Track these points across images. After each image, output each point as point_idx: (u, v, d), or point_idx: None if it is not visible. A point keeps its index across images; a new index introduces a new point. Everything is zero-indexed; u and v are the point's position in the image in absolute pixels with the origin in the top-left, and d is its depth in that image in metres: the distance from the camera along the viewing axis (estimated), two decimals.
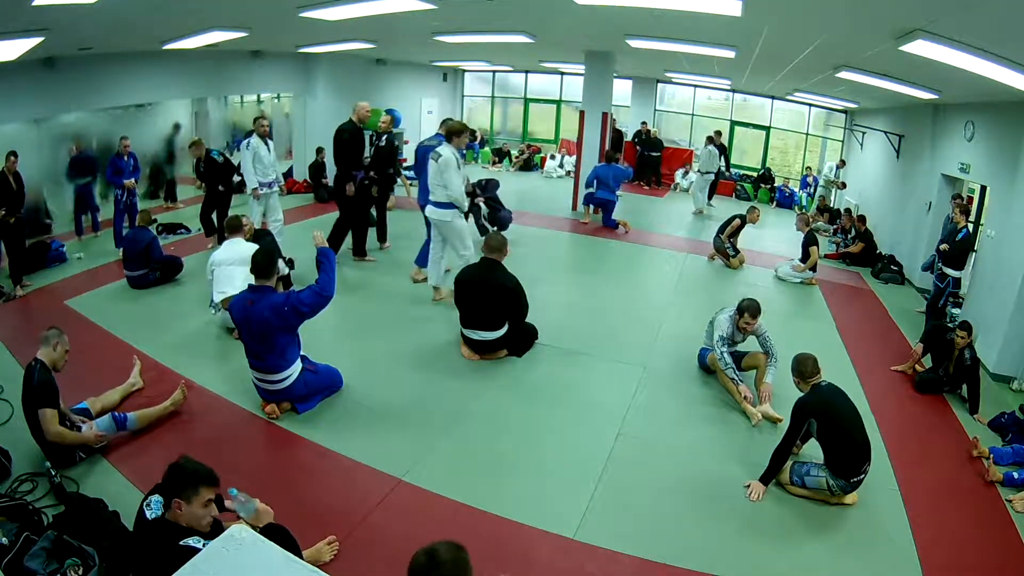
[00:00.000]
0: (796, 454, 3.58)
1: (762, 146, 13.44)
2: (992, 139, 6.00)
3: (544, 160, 14.19)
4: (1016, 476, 3.56)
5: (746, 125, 13.67)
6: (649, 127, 13.07)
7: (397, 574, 2.62)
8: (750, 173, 13.24)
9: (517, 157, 14.40)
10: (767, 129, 13.28)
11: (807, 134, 13.13)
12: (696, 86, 13.31)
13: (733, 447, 3.74)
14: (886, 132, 8.86)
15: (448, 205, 5.18)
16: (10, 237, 5.61)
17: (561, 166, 13.59)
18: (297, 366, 3.68)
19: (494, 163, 14.26)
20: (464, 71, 15.02)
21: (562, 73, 14.11)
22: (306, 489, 3.13)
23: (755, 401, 4.14)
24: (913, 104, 7.52)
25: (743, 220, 7.61)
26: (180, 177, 9.34)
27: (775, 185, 12.76)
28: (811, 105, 12.35)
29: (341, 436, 3.55)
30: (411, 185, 9.59)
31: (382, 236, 7.15)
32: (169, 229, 7.52)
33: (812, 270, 7.26)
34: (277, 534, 2.16)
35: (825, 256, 8.60)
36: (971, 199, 7.15)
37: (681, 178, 12.93)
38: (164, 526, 2.10)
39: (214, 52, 8.23)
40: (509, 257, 4.59)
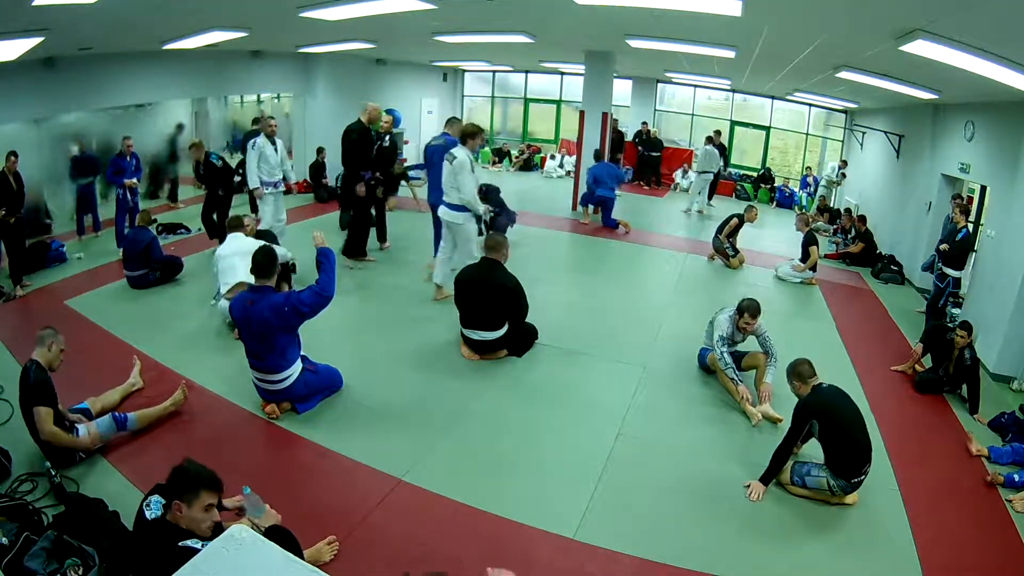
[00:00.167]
0: (796, 454, 3.58)
1: (762, 146, 13.44)
2: (992, 139, 6.00)
3: (544, 160, 14.19)
4: (1016, 477, 3.55)
5: (746, 125, 13.67)
6: (649, 127, 13.08)
7: (397, 574, 2.63)
8: (750, 173, 13.24)
9: (517, 157, 14.41)
10: (767, 129, 13.28)
11: (807, 134, 13.13)
12: (696, 86, 13.31)
13: (733, 447, 3.74)
14: (886, 132, 8.86)
15: (462, 208, 5.21)
16: (10, 237, 5.62)
17: (561, 166, 13.59)
18: (297, 366, 3.68)
19: (494, 163, 14.26)
20: (464, 71, 15.02)
21: (562, 73, 14.11)
22: (306, 489, 3.13)
23: (755, 401, 4.14)
24: (913, 104, 7.52)
25: (741, 219, 7.62)
26: (182, 177, 9.34)
27: (775, 185, 12.76)
28: (811, 105, 12.35)
29: (341, 436, 3.55)
30: (416, 186, 9.62)
31: (382, 236, 7.15)
32: (169, 229, 7.52)
33: (812, 270, 7.26)
34: (279, 536, 2.16)
35: (825, 256, 8.60)
36: (971, 199, 7.15)
37: (681, 178, 12.93)
38: (163, 527, 2.10)
39: (214, 52, 8.23)
40: (509, 257, 4.60)
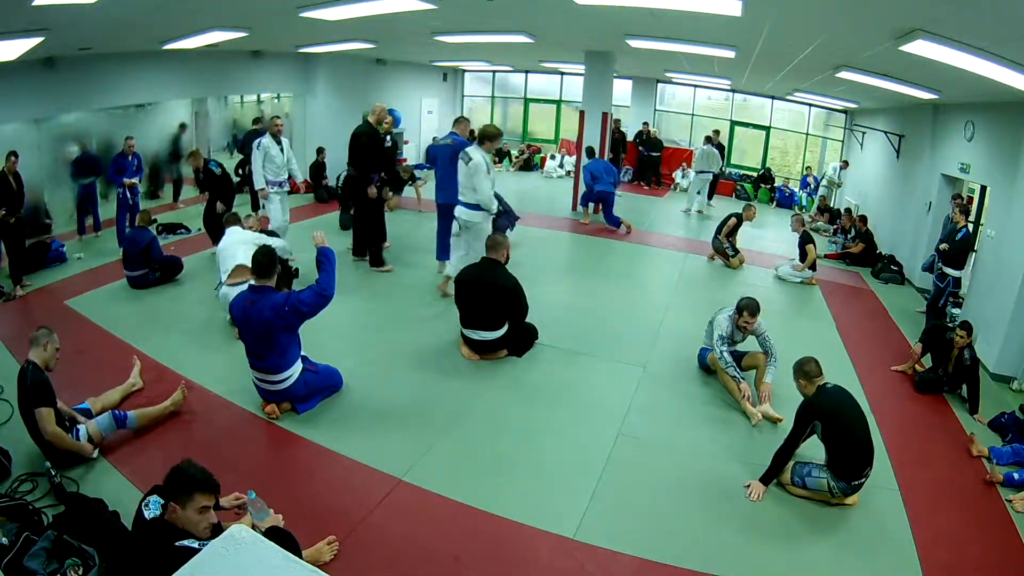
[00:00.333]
0: (796, 455, 3.57)
1: (762, 146, 13.44)
2: (992, 139, 6.00)
3: (544, 160, 14.19)
4: (1016, 476, 3.56)
5: (746, 125, 13.67)
6: (650, 127, 13.08)
7: (397, 574, 2.63)
8: (750, 173, 13.24)
9: (517, 157, 14.40)
10: (767, 129, 13.28)
11: (807, 134, 13.13)
12: (696, 86, 13.31)
13: (733, 447, 3.74)
14: (886, 132, 8.85)
15: (478, 207, 5.28)
16: (10, 237, 5.62)
17: (561, 166, 13.59)
18: (298, 366, 3.68)
19: (494, 163, 14.24)
20: (464, 71, 15.02)
21: (562, 73, 14.11)
22: (306, 489, 3.13)
23: (755, 401, 4.14)
24: (913, 104, 7.52)
25: (739, 219, 7.61)
26: (185, 177, 9.35)
27: (775, 185, 12.76)
28: (811, 105, 12.34)
29: (341, 436, 3.55)
30: (418, 185, 9.62)
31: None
32: (169, 229, 7.52)
33: (812, 269, 7.26)
34: (278, 537, 2.16)
35: (825, 256, 8.61)
36: (971, 199, 7.15)
37: (681, 178, 12.93)
38: (161, 526, 2.10)
39: (214, 52, 8.24)
40: (509, 257, 4.60)
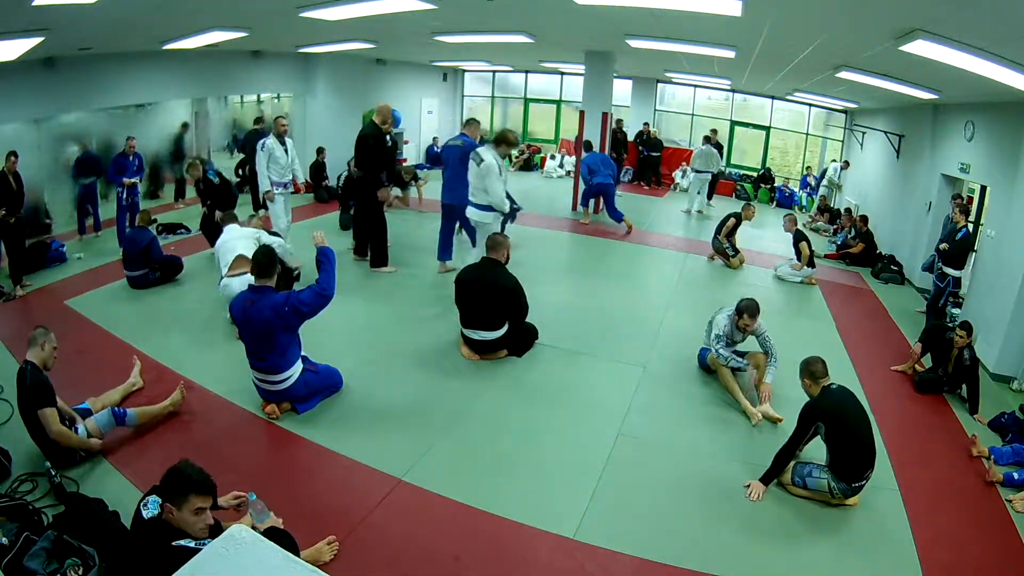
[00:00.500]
0: (798, 455, 3.57)
1: (762, 146, 13.44)
2: (992, 139, 6.00)
3: (544, 160, 14.19)
4: (1016, 476, 3.56)
5: (746, 125, 13.67)
6: (650, 127, 13.08)
7: (397, 574, 2.63)
8: (750, 173, 13.24)
9: (517, 157, 14.36)
10: (767, 129, 13.28)
11: (807, 134, 13.13)
12: (696, 86, 13.31)
13: (733, 447, 3.74)
14: (886, 132, 8.85)
15: (488, 208, 5.32)
16: (10, 237, 5.62)
17: (561, 166, 13.59)
18: (298, 366, 3.68)
19: None
20: (464, 71, 15.02)
21: (562, 73, 14.11)
22: (306, 489, 3.13)
23: (755, 401, 4.14)
24: (913, 104, 7.52)
25: (738, 219, 7.60)
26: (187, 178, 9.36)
27: (775, 185, 12.76)
28: (811, 105, 12.34)
29: (341, 436, 3.55)
30: (420, 185, 9.63)
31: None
32: (169, 229, 7.52)
33: (811, 266, 7.25)
34: (277, 537, 2.16)
35: (825, 256, 8.62)
36: (971, 199, 7.15)
37: (680, 178, 12.93)
38: (159, 526, 2.10)
39: (214, 52, 8.24)
40: (509, 257, 4.60)
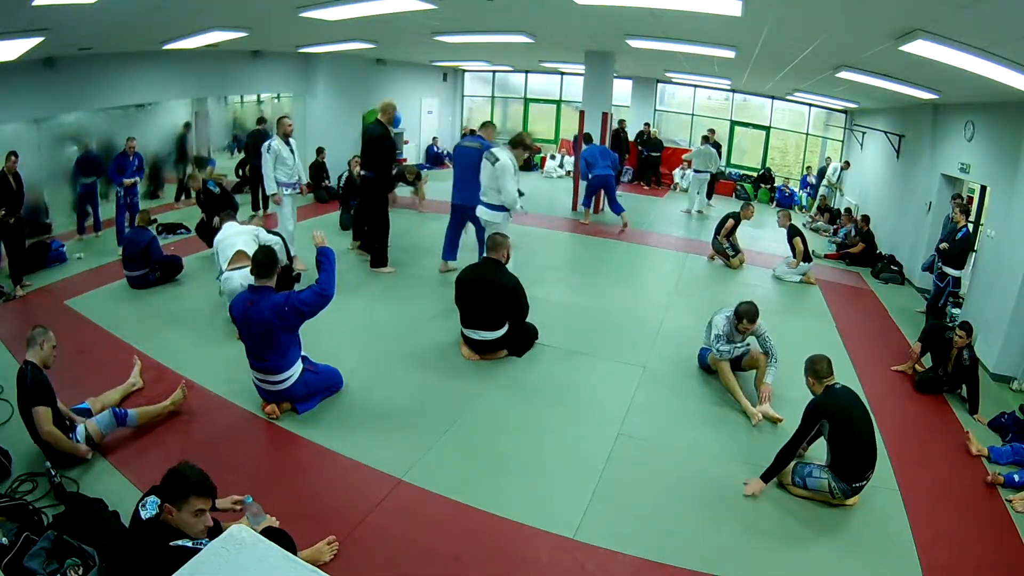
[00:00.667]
0: (802, 455, 3.58)
1: (762, 146, 13.44)
2: (992, 139, 6.00)
3: (544, 160, 14.19)
4: (1016, 477, 3.55)
5: (746, 125, 13.67)
6: (651, 128, 13.08)
7: (397, 574, 2.63)
8: (750, 173, 13.25)
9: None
10: (767, 129, 13.29)
11: (807, 134, 13.13)
12: (696, 86, 13.31)
13: (733, 447, 3.74)
14: (886, 132, 8.86)
15: (500, 208, 5.34)
16: (10, 237, 5.61)
17: (561, 166, 13.59)
18: (298, 367, 3.68)
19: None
20: (464, 71, 15.03)
21: (562, 73, 14.11)
22: (306, 489, 3.13)
23: (755, 400, 4.14)
24: (913, 104, 7.52)
25: (736, 219, 7.58)
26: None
27: (775, 185, 12.77)
28: (811, 105, 12.35)
29: (341, 436, 3.55)
30: (424, 184, 9.62)
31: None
32: (169, 229, 7.52)
33: (807, 262, 7.24)
34: (275, 537, 2.16)
35: (825, 256, 8.62)
36: (971, 199, 7.15)
37: (680, 178, 12.94)
38: (157, 527, 2.10)
39: (214, 52, 8.24)
40: (509, 257, 4.61)
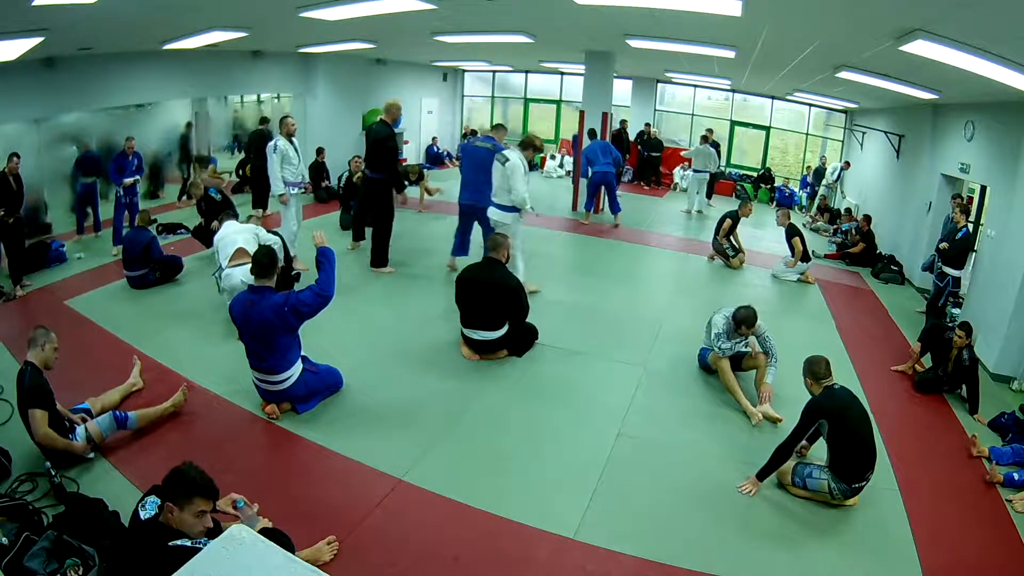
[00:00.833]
0: (804, 455, 3.58)
1: (762, 146, 13.44)
2: (992, 139, 6.00)
3: (544, 160, 14.19)
4: (1016, 477, 3.56)
5: (746, 125, 13.67)
6: (651, 128, 13.09)
7: (397, 574, 2.63)
8: (750, 173, 13.25)
9: None
10: (767, 129, 13.29)
11: (807, 134, 13.13)
12: (696, 86, 13.30)
13: (733, 447, 3.74)
14: (886, 132, 8.86)
15: (510, 209, 5.37)
16: (9, 237, 5.61)
17: (561, 166, 13.59)
18: (298, 367, 3.68)
19: None
20: (464, 71, 15.02)
21: (562, 73, 14.11)
22: (306, 489, 3.13)
23: (755, 400, 4.14)
24: (913, 104, 7.52)
25: (733, 219, 7.57)
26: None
27: (775, 185, 12.77)
28: (811, 105, 12.34)
29: (341, 436, 3.55)
30: (425, 185, 9.62)
31: (361, 234, 7.17)
32: (169, 229, 7.52)
33: (805, 261, 7.25)
34: (273, 537, 2.17)
35: (825, 256, 8.62)
36: (971, 199, 7.15)
37: (680, 178, 12.94)
38: (156, 527, 2.10)
39: (214, 52, 8.24)
40: (509, 257, 4.61)
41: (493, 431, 3.73)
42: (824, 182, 11.93)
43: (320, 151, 9.89)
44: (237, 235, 4.97)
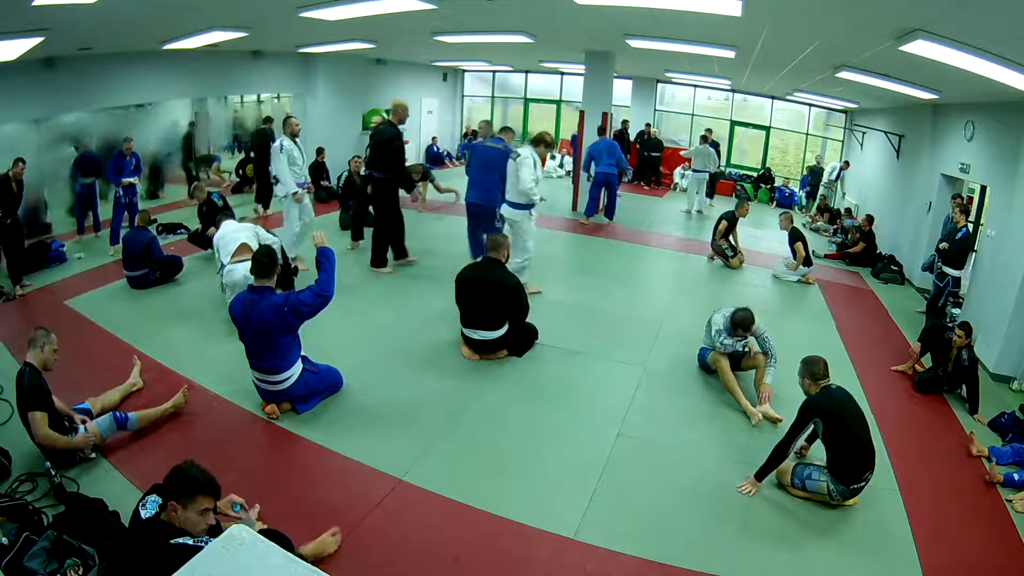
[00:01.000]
0: (804, 456, 3.58)
1: (762, 146, 13.44)
2: (992, 139, 6.00)
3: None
4: (1016, 477, 3.56)
5: (746, 125, 13.67)
6: (651, 128, 13.09)
7: (397, 574, 2.63)
8: (750, 173, 13.25)
9: None
10: (767, 129, 13.29)
11: (807, 134, 13.13)
12: (696, 86, 13.31)
13: (733, 447, 3.74)
14: (886, 132, 8.86)
15: (522, 206, 5.48)
16: (7, 239, 5.61)
17: (561, 166, 13.59)
18: (298, 367, 3.68)
19: None
20: (464, 71, 15.02)
21: (562, 73, 14.11)
22: (306, 489, 3.13)
23: (755, 400, 4.14)
24: (913, 104, 7.52)
25: (730, 219, 7.55)
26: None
27: (775, 185, 12.77)
28: (811, 105, 12.34)
29: (341, 436, 3.55)
30: (427, 185, 9.61)
31: (360, 234, 7.17)
32: (169, 229, 7.51)
33: (807, 265, 7.25)
34: (272, 537, 2.17)
35: (825, 256, 8.61)
36: (971, 199, 7.15)
37: (680, 178, 12.94)
38: (157, 525, 2.10)
39: (214, 52, 8.24)
40: (509, 257, 4.61)
41: (493, 431, 3.73)
42: (823, 181, 11.94)
43: (320, 151, 9.89)
44: (238, 232, 5.00)
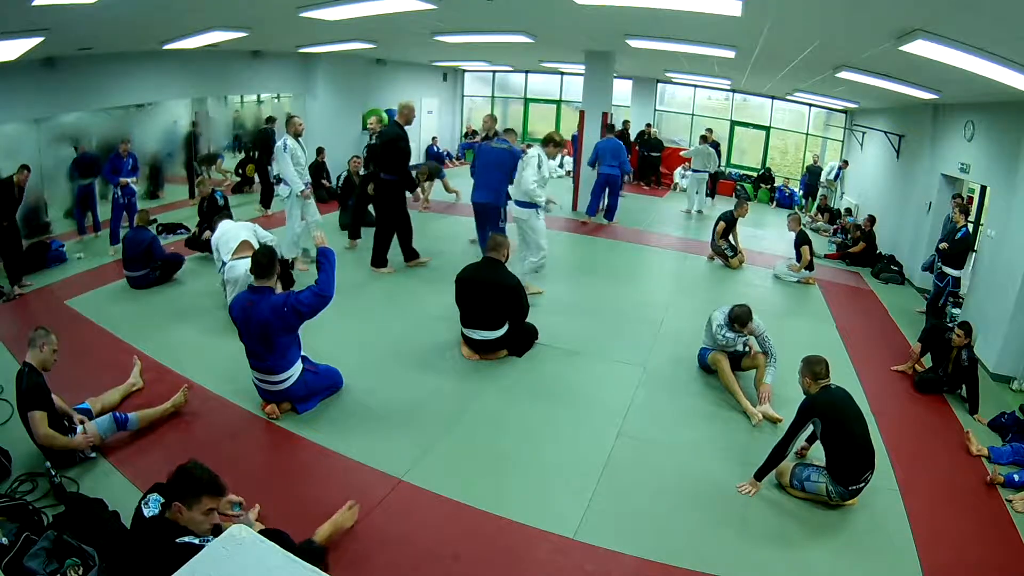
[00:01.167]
0: (804, 456, 3.58)
1: (762, 146, 13.44)
2: (992, 139, 6.00)
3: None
4: (1017, 478, 3.55)
5: (746, 125, 13.67)
6: (652, 128, 13.09)
7: (397, 574, 2.63)
8: (750, 173, 13.25)
9: None
10: (767, 129, 13.29)
11: (807, 134, 13.13)
12: (696, 86, 13.32)
13: (733, 447, 3.73)
14: (886, 132, 8.86)
15: (528, 204, 5.46)
16: (4, 242, 5.59)
17: (561, 166, 13.58)
18: (298, 367, 3.68)
19: None
20: (464, 71, 15.02)
21: (562, 73, 14.11)
22: (306, 489, 3.13)
23: (755, 400, 4.14)
24: (913, 104, 7.52)
25: (727, 220, 7.55)
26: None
27: (775, 185, 12.77)
28: (811, 105, 12.35)
29: (341, 436, 3.55)
30: (432, 185, 9.61)
31: (357, 233, 7.18)
32: (169, 229, 7.52)
33: (809, 268, 7.25)
34: (272, 537, 2.17)
35: (825, 256, 8.61)
36: (971, 199, 7.15)
37: (680, 178, 12.94)
38: (161, 524, 2.10)
39: (214, 52, 8.24)
40: (509, 257, 4.61)
41: (493, 431, 3.73)
42: (823, 180, 11.93)
43: (320, 151, 9.89)
44: (238, 230, 5.01)
